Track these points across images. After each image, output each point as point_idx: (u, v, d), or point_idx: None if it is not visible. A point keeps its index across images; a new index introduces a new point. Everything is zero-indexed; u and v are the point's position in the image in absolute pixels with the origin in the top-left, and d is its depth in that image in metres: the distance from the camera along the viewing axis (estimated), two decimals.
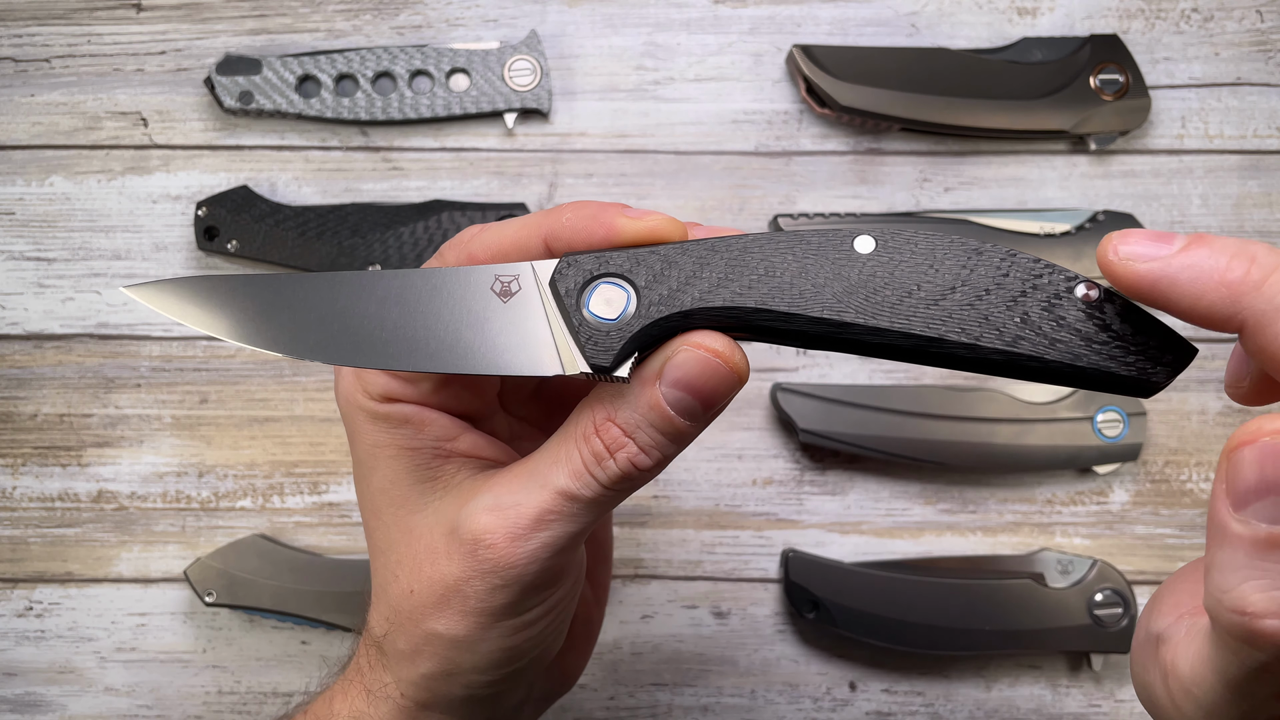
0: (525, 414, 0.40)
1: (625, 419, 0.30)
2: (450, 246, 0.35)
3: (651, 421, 0.30)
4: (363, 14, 0.61)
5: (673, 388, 0.30)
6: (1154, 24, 0.61)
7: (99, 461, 0.59)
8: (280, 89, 0.59)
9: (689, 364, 0.29)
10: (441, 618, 0.33)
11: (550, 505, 0.31)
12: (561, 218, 0.32)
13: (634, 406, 0.30)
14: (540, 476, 0.32)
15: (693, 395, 0.30)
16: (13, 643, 0.58)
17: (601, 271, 0.31)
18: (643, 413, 0.30)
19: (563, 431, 0.32)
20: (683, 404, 0.30)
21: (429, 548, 0.34)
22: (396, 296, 0.32)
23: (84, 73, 0.61)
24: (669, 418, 0.30)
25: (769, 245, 0.30)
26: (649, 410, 0.30)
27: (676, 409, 0.30)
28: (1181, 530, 0.59)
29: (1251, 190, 0.60)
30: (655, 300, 0.30)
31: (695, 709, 0.58)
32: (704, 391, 0.30)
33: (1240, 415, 0.59)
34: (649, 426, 0.30)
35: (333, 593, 0.56)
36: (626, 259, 0.31)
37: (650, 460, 0.31)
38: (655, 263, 0.31)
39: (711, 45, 0.61)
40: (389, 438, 0.35)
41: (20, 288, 0.60)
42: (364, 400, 0.35)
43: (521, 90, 0.59)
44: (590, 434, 0.31)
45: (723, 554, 0.59)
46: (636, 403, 0.30)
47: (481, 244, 0.34)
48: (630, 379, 0.30)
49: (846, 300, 0.29)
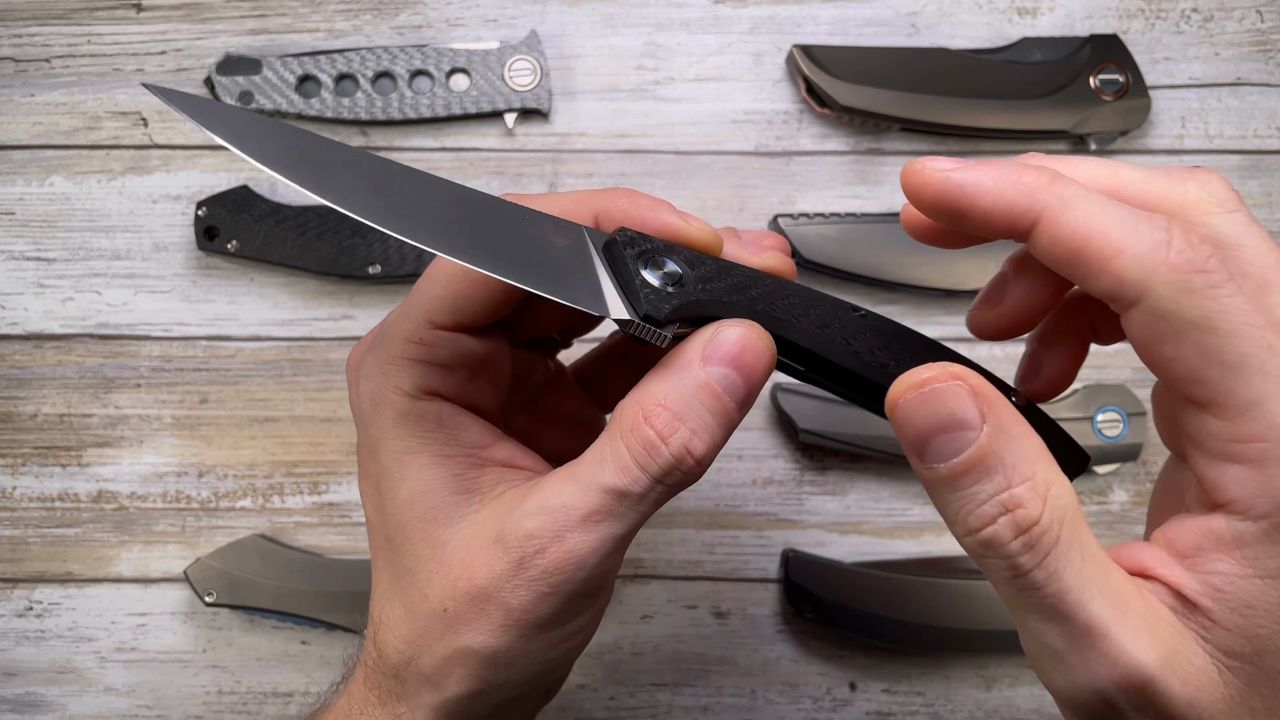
0: (516, 426, 0.38)
1: (676, 401, 0.30)
2: None
3: (703, 402, 0.30)
4: (363, 14, 0.61)
5: (719, 365, 0.30)
6: (1154, 24, 0.61)
7: (99, 461, 0.59)
8: (280, 89, 0.59)
9: (732, 342, 0.30)
10: (480, 633, 0.32)
11: (599, 504, 0.30)
12: (617, 201, 0.33)
13: (683, 388, 0.30)
14: (586, 477, 0.30)
15: (738, 372, 0.30)
16: (13, 643, 0.58)
17: (662, 249, 0.32)
18: (693, 393, 0.30)
19: (606, 433, 0.31)
20: (729, 382, 0.30)
21: (464, 561, 0.32)
22: (464, 199, 0.30)
23: (84, 73, 0.61)
24: (719, 396, 0.30)
25: (798, 295, 0.33)
26: (699, 389, 0.30)
27: (724, 388, 0.30)
28: None
29: (1251, 190, 0.60)
30: (705, 288, 0.32)
31: (695, 709, 0.58)
32: (747, 368, 0.30)
33: None
34: (700, 408, 0.30)
35: (333, 593, 0.56)
36: (684, 251, 0.32)
37: (703, 446, 0.30)
38: (711, 264, 0.32)
39: (711, 45, 0.61)
40: (422, 443, 0.33)
41: (20, 288, 0.60)
42: (396, 398, 0.33)
43: (521, 90, 0.59)
44: (639, 424, 0.30)
45: (723, 554, 0.59)
46: (685, 384, 0.30)
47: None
48: (669, 356, 0.31)
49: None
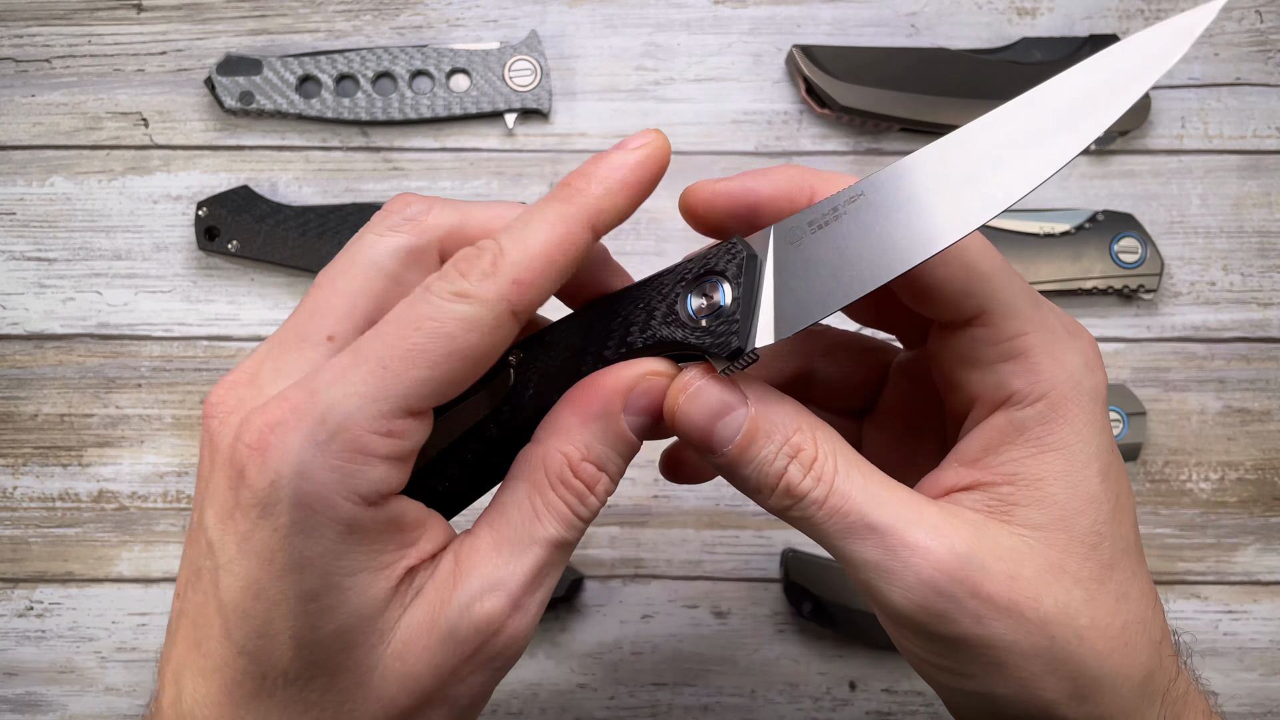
0: None
1: (599, 455, 0.30)
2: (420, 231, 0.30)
3: (620, 451, 0.31)
4: (363, 14, 0.61)
5: (637, 415, 0.30)
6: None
7: (99, 461, 0.59)
8: (281, 89, 0.59)
9: (653, 393, 0.30)
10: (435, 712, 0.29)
11: (545, 560, 0.30)
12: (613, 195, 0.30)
13: (604, 441, 0.30)
14: (524, 535, 0.29)
15: (653, 417, 0.31)
16: (13, 643, 0.58)
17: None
18: (613, 443, 0.30)
19: (524, 481, 0.30)
20: (643, 427, 0.31)
21: (402, 675, 0.28)
22: None
23: (84, 73, 0.61)
24: (634, 444, 0.31)
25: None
26: (617, 441, 0.30)
27: (639, 433, 0.31)
28: (1181, 530, 0.59)
29: (1251, 190, 0.60)
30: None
31: (695, 709, 0.58)
32: (659, 413, 0.31)
33: (1239, 417, 0.59)
34: (617, 456, 0.31)
35: None
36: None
37: (615, 486, 0.31)
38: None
39: (711, 45, 0.61)
40: (371, 558, 0.27)
41: (21, 288, 0.60)
42: (349, 506, 0.26)
43: (521, 90, 0.59)
44: (569, 477, 0.30)
45: (723, 554, 0.59)
46: (607, 436, 0.30)
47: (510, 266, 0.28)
48: (585, 393, 0.31)
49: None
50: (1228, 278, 0.60)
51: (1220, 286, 0.60)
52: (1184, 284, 0.60)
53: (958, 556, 0.28)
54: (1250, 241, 0.60)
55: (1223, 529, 0.59)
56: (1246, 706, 0.58)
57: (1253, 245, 0.60)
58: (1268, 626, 0.59)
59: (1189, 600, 0.59)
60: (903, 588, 0.28)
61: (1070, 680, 0.29)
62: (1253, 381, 0.60)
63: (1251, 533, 0.59)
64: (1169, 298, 0.60)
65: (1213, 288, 0.60)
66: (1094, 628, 0.29)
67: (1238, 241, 0.60)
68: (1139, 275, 0.58)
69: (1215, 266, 0.60)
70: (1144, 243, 0.59)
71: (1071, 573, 0.29)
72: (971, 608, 0.28)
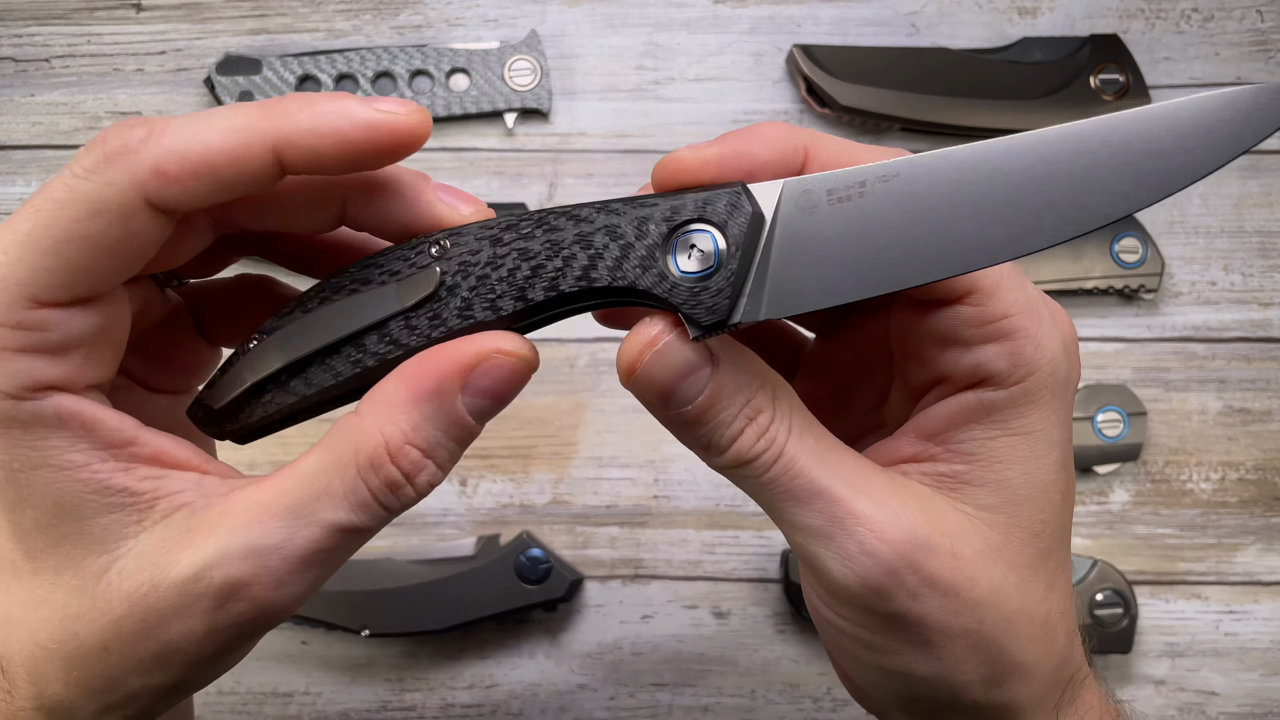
0: (123, 369, 0.32)
1: (427, 439, 0.27)
2: (113, 159, 0.25)
3: (453, 436, 0.27)
4: (363, 14, 0.61)
5: (477, 398, 0.27)
6: (1154, 24, 0.61)
7: None
8: (280, 89, 0.59)
9: (497, 373, 0.27)
10: (154, 675, 0.27)
11: (325, 543, 0.27)
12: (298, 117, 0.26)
13: (435, 424, 0.27)
14: (308, 510, 0.26)
15: (496, 400, 0.27)
16: None
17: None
18: (445, 428, 0.27)
19: (332, 453, 0.27)
20: (483, 410, 0.27)
21: (132, 602, 0.26)
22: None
23: (84, 73, 0.61)
24: (470, 427, 0.27)
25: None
26: (450, 425, 0.27)
27: (478, 417, 0.27)
28: (1182, 530, 0.59)
29: (1251, 190, 0.60)
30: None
31: (696, 709, 0.58)
32: (507, 394, 0.28)
33: (1239, 417, 0.59)
34: (449, 441, 0.27)
35: (332, 593, 0.56)
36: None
37: (444, 474, 0.28)
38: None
39: (711, 45, 0.61)
40: (40, 455, 0.26)
41: None
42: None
43: (521, 90, 0.59)
44: (382, 461, 0.26)
45: (723, 554, 0.59)
46: (439, 419, 0.27)
47: (169, 155, 0.25)
48: (418, 369, 0.27)
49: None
50: (1228, 278, 0.60)
51: (1221, 286, 0.60)
52: (1185, 284, 0.60)
53: (905, 531, 0.27)
54: (1251, 241, 0.60)
55: (1223, 529, 0.59)
56: (1247, 707, 0.58)
57: (1253, 245, 0.60)
58: (1268, 627, 0.59)
59: (1190, 600, 0.59)
60: (842, 557, 0.27)
61: (989, 664, 0.29)
62: (1253, 381, 0.59)
63: (1252, 533, 0.59)
64: (1170, 298, 0.60)
65: (1213, 287, 0.60)
66: (1022, 614, 0.29)
67: (1238, 241, 0.60)
68: (1140, 275, 0.58)
69: (1216, 266, 0.60)
70: (1145, 242, 0.59)
71: (1009, 557, 0.29)
72: (911, 585, 0.27)
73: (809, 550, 0.28)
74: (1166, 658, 0.59)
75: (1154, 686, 0.58)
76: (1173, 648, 0.59)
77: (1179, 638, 0.59)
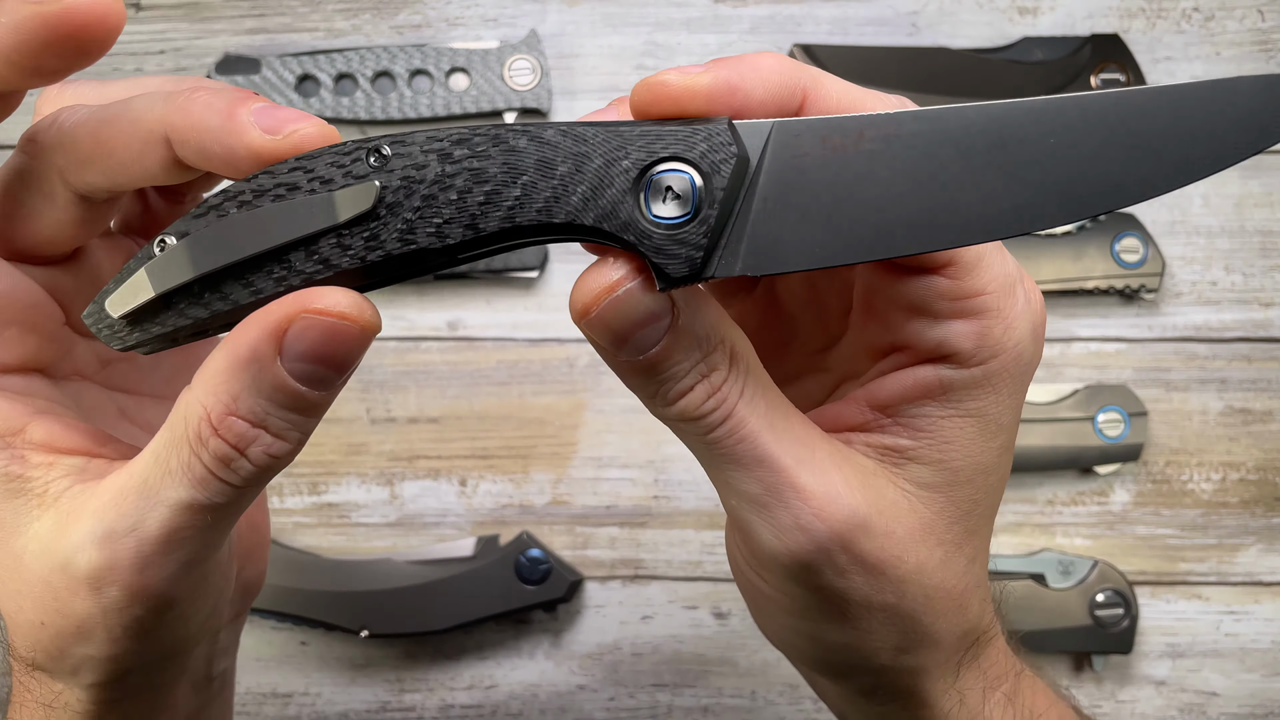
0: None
1: (250, 408, 0.25)
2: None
3: (280, 404, 0.25)
4: (362, 13, 0.61)
5: (300, 362, 0.24)
6: (1155, 23, 0.61)
7: None
8: (280, 88, 0.59)
9: (311, 334, 0.24)
10: (89, 646, 0.28)
11: (177, 522, 0.26)
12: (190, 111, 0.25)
13: (256, 391, 0.25)
14: (154, 491, 0.26)
15: (324, 364, 0.25)
16: None
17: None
18: (269, 395, 0.25)
19: (170, 429, 0.26)
20: (313, 376, 0.25)
21: (44, 583, 0.27)
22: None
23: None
24: (300, 394, 0.25)
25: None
26: (274, 393, 0.25)
27: (307, 383, 0.25)
28: (1183, 530, 0.59)
29: (1252, 190, 0.60)
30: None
31: (695, 710, 0.58)
32: (336, 359, 0.25)
33: (1240, 417, 0.59)
34: (279, 409, 0.25)
35: (333, 593, 0.56)
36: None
37: (291, 444, 0.26)
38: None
39: (712, 45, 0.61)
40: None
41: None
42: None
43: (521, 90, 0.59)
44: (208, 435, 0.25)
45: (723, 554, 0.58)
46: (260, 387, 0.25)
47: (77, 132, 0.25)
48: (227, 355, 0.25)
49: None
50: (1229, 277, 0.60)
51: (1222, 286, 0.60)
52: (1185, 284, 0.60)
53: (845, 510, 0.27)
54: (1252, 241, 0.60)
55: (1224, 529, 0.59)
56: (1248, 708, 0.58)
57: (1254, 245, 0.60)
58: (1269, 627, 0.58)
59: (1190, 601, 0.59)
60: (776, 528, 0.27)
61: (902, 635, 0.29)
62: (1254, 382, 0.59)
63: (1253, 533, 0.59)
64: (1170, 298, 0.60)
65: (1214, 287, 0.60)
66: (941, 589, 0.29)
67: (1239, 241, 0.60)
68: (1140, 275, 0.58)
69: (1217, 266, 0.60)
70: (1145, 242, 0.59)
71: (938, 534, 0.28)
72: (841, 562, 0.27)
73: (742, 515, 0.28)
74: (1167, 658, 0.58)
75: (1155, 687, 0.58)
76: (1173, 648, 0.59)
77: (1180, 638, 0.59)
